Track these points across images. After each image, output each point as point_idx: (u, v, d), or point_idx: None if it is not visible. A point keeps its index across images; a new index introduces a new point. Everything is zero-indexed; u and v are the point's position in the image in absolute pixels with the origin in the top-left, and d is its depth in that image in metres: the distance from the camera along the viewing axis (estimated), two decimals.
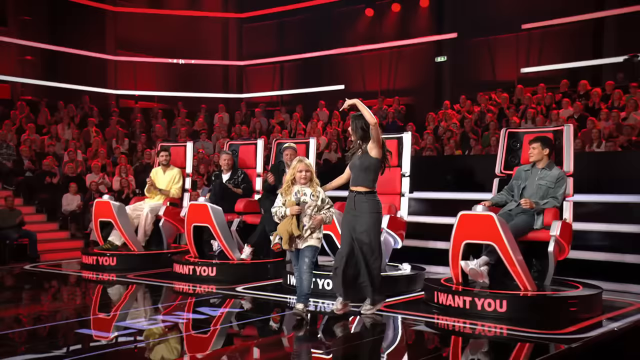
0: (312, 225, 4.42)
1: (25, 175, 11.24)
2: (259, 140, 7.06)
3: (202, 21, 18.25)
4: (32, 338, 4.30)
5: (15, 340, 4.22)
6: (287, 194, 4.48)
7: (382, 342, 4.18)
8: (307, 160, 4.58)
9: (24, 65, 16.15)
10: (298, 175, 4.46)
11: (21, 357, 3.77)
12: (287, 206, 4.43)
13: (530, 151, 4.95)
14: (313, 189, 4.48)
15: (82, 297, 6.07)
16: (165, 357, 3.79)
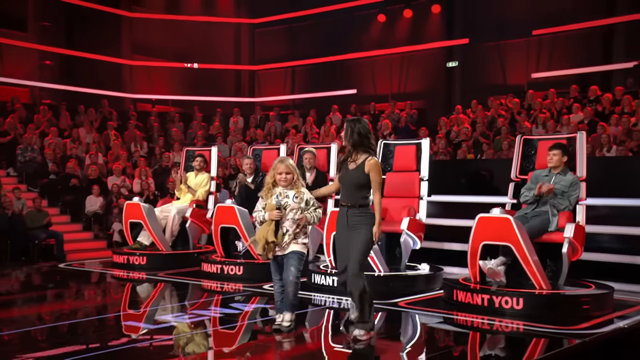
0: (299, 225, 4.09)
1: (50, 177, 11.60)
2: (282, 145, 7.36)
3: (215, 26, 18.57)
4: (69, 332, 4.60)
5: (57, 333, 4.53)
6: (267, 197, 4.12)
7: (401, 337, 4.45)
8: (289, 161, 4.19)
9: (43, 70, 16.51)
10: (278, 178, 4.11)
11: (58, 349, 4.04)
12: (267, 210, 4.08)
13: (551, 157, 5.20)
14: (297, 190, 4.12)
15: (114, 294, 6.39)
16: (193, 352, 4.04)
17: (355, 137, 4.09)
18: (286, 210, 4.08)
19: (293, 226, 4.09)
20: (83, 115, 14.14)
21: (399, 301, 5.26)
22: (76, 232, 10.76)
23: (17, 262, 9.06)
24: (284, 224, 4.09)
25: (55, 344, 4.16)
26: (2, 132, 12.15)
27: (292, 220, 4.09)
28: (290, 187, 4.11)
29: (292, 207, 4.08)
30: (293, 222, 4.09)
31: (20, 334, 4.47)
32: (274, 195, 4.10)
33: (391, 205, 6.22)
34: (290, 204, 4.08)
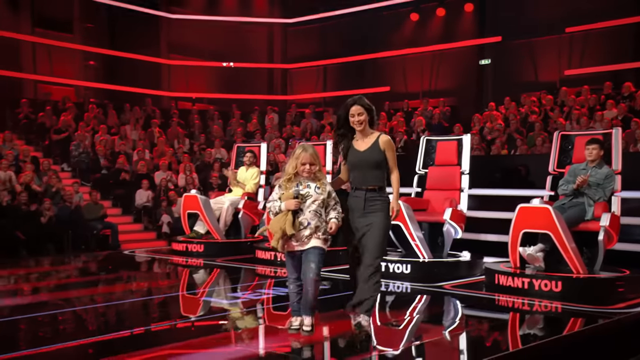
0: (320, 218, 3.74)
1: (101, 172, 12.27)
2: (328, 141, 7.82)
3: (249, 26, 19.09)
4: (132, 311, 5.13)
5: (125, 313, 5.09)
6: (286, 187, 3.76)
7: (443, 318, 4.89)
8: (312, 149, 3.78)
9: (87, 70, 17.26)
10: (301, 169, 3.72)
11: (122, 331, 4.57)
12: (284, 199, 3.72)
13: (590, 152, 5.55)
14: (319, 181, 3.77)
15: (176, 278, 6.95)
16: (246, 327, 4.47)
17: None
18: (306, 201, 3.72)
19: (314, 219, 3.71)
20: (129, 113, 14.82)
21: (444, 284, 5.70)
22: (127, 224, 11.39)
23: (78, 251, 9.72)
24: (304, 215, 3.71)
25: (123, 322, 4.71)
26: (56, 129, 12.87)
27: (314, 212, 3.72)
28: (312, 178, 3.76)
29: (315, 198, 3.73)
30: (315, 214, 3.72)
31: (99, 309, 5.03)
32: (294, 185, 3.75)
33: (434, 197, 6.65)
34: (312, 195, 3.73)
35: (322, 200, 3.74)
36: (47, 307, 5.17)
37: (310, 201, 3.72)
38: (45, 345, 3.87)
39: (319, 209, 3.74)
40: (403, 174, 7.54)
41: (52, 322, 4.64)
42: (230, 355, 3.69)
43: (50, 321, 4.67)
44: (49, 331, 4.37)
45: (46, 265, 7.99)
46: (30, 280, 6.89)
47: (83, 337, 4.17)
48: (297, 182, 3.73)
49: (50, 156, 12.28)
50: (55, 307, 5.11)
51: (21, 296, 5.82)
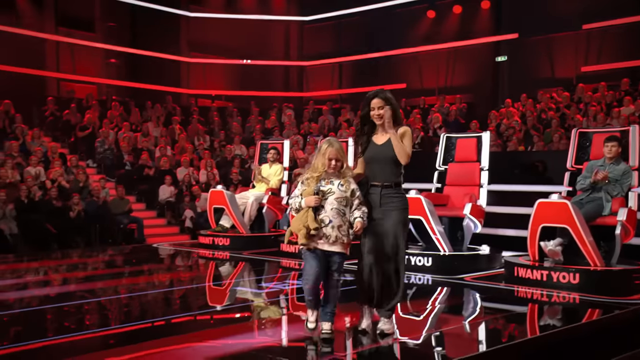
0: (343, 218, 3.61)
1: (125, 168, 12.59)
2: (350, 138, 8.04)
3: (266, 24, 19.33)
4: (162, 301, 5.40)
5: (155, 302, 5.36)
6: (310, 183, 3.64)
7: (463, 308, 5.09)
8: (339, 144, 3.68)
9: (109, 68, 17.62)
10: (326, 164, 3.60)
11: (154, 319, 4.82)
12: (305, 195, 3.61)
13: (609, 149, 5.70)
14: (343, 178, 3.64)
15: (204, 270, 7.23)
16: (270, 317, 4.69)
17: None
18: (328, 198, 3.59)
19: (337, 217, 3.58)
20: (150, 110, 15.13)
21: (464, 276, 5.90)
22: (151, 219, 11.70)
23: (105, 244, 10.05)
24: (326, 213, 3.58)
25: (156, 311, 4.97)
26: (82, 126, 13.21)
27: (336, 210, 3.58)
28: (337, 175, 3.63)
29: (337, 195, 3.60)
30: (337, 212, 3.58)
31: (134, 298, 5.32)
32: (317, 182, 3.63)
33: (454, 193, 6.85)
34: (335, 192, 3.60)
35: (344, 198, 3.59)
36: (86, 296, 5.46)
37: (332, 198, 3.58)
38: (76, 332, 4.14)
39: (342, 207, 3.59)
40: (420, 169, 7.79)
41: (90, 311, 4.93)
42: (252, 345, 3.90)
43: (84, 310, 4.95)
44: (84, 320, 4.65)
45: (77, 257, 8.29)
46: (61, 271, 7.20)
47: (116, 324, 4.45)
48: (321, 179, 3.62)
49: (75, 152, 12.62)
50: (92, 296, 5.41)
51: (52, 287, 6.12)
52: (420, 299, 5.42)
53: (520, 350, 3.65)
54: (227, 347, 3.76)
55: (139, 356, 3.54)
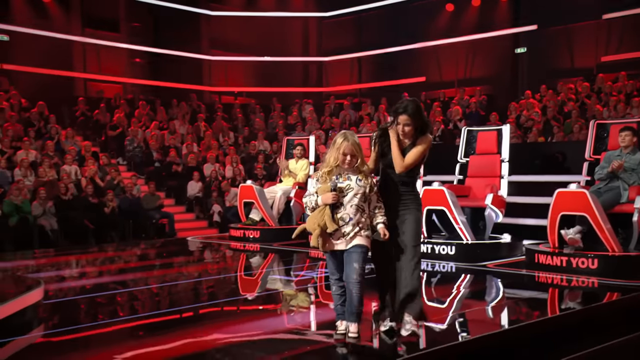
0: (363, 214, 3.46)
1: (155, 165, 13.02)
2: (373, 133, 8.31)
3: (285, 21, 19.61)
4: (200, 289, 5.77)
5: (191, 291, 5.73)
6: (325, 179, 3.46)
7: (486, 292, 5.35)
8: (354, 138, 3.48)
9: (134, 67, 18.07)
10: (341, 159, 3.43)
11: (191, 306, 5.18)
12: (320, 193, 3.42)
13: (623, 138, 5.90)
14: (361, 173, 3.47)
15: (236, 260, 7.59)
16: (299, 305, 4.98)
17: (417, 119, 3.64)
18: (347, 194, 3.41)
19: (357, 214, 3.41)
20: (176, 108, 15.55)
21: (486, 264, 6.17)
22: (180, 213, 12.12)
23: (138, 239, 10.47)
24: (345, 210, 3.40)
25: (194, 298, 5.34)
26: (112, 126, 13.67)
27: (356, 207, 3.41)
28: (354, 170, 3.46)
29: (356, 191, 3.42)
30: (357, 209, 3.41)
31: (166, 288, 5.70)
32: (332, 177, 3.44)
33: (475, 184, 7.11)
34: (354, 188, 3.42)
35: (363, 194, 3.44)
36: (127, 285, 5.85)
37: (351, 194, 3.41)
38: (135, 315, 4.50)
39: (362, 204, 3.44)
40: (440, 161, 8.05)
41: (138, 298, 5.31)
42: (280, 326, 4.23)
43: (138, 297, 5.34)
44: (139, 305, 5.03)
45: (118, 251, 8.71)
46: (105, 263, 7.62)
47: (162, 309, 4.82)
48: (337, 174, 3.44)
49: (106, 151, 13.08)
50: (140, 285, 5.79)
51: (99, 277, 6.52)
52: (444, 285, 5.70)
53: (542, 328, 3.93)
54: (258, 330, 4.08)
55: (187, 336, 3.88)
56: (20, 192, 9.48)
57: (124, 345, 3.71)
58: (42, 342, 3.87)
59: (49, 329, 4.16)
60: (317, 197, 3.44)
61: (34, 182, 10.20)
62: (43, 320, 4.25)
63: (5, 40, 14.63)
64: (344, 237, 3.41)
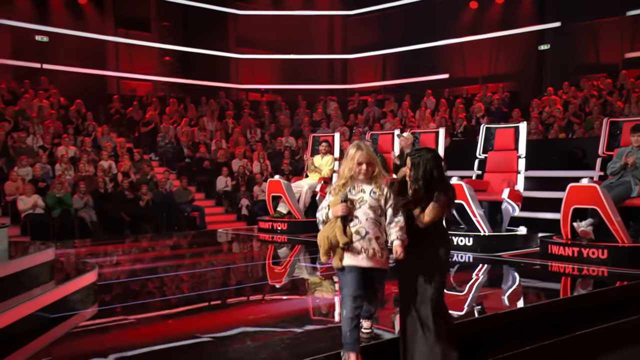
0: (380, 228, 3.20)
1: (185, 161, 13.56)
2: (396, 130, 8.67)
3: (311, 19, 19.99)
4: (228, 275, 6.23)
5: (224, 276, 6.17)
6: (338, 192, 3.22)
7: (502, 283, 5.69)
8: (368, 148, 3.30)
9: (164, 65, 18.65)
10: (357, 170, 3.21)
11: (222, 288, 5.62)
12: (331, 205, 3.20)
13: (636, 139, 6.11)
14: (376, 184, 3.24)
15: (265, 251, 8.04)
16: (323, 296, 5.31)
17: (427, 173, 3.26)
18: (361, 207, 3.18)
19: (373, 228, 3.16)
20: (205, 106, 16.08)
21: (502, 254, 6.50)
22: (210, 207, 12.63)
23: (171, 231, 11.00)
24: (361, 224, 3.17)
25: (225, 283, 5.79)
26: (144, 122, 14.25)
27: (372, 220, 3.17)
28: (369, 181, 3.23)
29: (370, 203, 3.19)
30: (373, 222, 3.17)
31: (196, 274, 6.16)
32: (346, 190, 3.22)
33: (493, 179, 7.43)
34: (367, 200, 3.19)
35: (379, 207, 3.21)
36: (165, 270, 6.33)
37: (365, 207, 3.17)
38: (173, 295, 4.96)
39: (377, 217, 3.20)
40: (463, 158, 8.33)
41: (178, 283, 5.79)
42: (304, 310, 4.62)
43: (179, 281, 5.82)
44: (179, 288, 5.51)
45: (152, 241, 9.24)
46: (140, 252, 8.15)
47: (204, 290, 5.28)
48: (350, 187, 3.22)
49: (139, 147, 13.66)
50: (171, 271, 6.28)
51: (136, 264, 7.02)
52: (463, 273, 6.05)
53: (554, 309, 4.28)
54: (282, 313, 4.53)
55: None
56: (62, 186, 10.07)
57: (163, 320, 4.24)
58: (98, 315, 4.37)
59: (103, 304, 4.66)
60: (328, 209, 3.23)
61: (73, 177, 10.80)
62: (98, 298, 4.75)
63: (45, 41, 15.34)
64: (364, 252, 3.16)
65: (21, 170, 10.41)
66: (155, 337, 3.69)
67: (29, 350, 3.44)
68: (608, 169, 6.34)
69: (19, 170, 10.36)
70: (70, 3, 16.27)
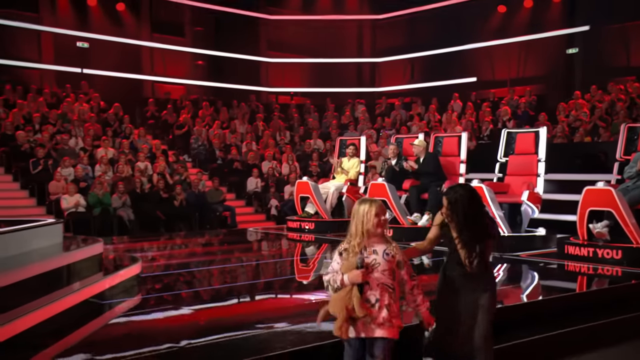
0: (392, 295, 2.95)
1: (217, 162, 14.06)
2: (420, 134, 8.97)
3: (340, 23, 20.30)
4: (258, 270, 6.61)
5: (255, 271, 6.57)
6: (351, 255, 2.93)
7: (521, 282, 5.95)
8: (379, 201, 3.06)
9: (196, 69, 19.22)
10: (374, 223, 2.94)
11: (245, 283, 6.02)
12: (344, 271, 2.91)
13: None
14: (387, 243, 2.98)
15: (292, 249, 8.44)
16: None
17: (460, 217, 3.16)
18: (372, 271, 2.91)
19: (384, 295, 2.91)
20: (236, 109, 16.59)
21: (520, 253, 6.76)
22: (241, 207, 13.08)
23: (204, 229, 11.48)
24: (372, 291, 2.91)
25: (255, 276, 6.17)
26: (178, 125, 14.81)
27: (383, 286, 2.92)
28: (382, 238, 2.98)
29: (383, 266, 2.93)
30: (384, 289, 2.92)
31: (226, 268, 6.57)
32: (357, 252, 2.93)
33: (513, 182, 7.68)
34: (380, 262, 2.93)
35: (392, 270, 2.95)
36: (201, 264, 6.77)
37: (378, 271, 2.92)
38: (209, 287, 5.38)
39: (390, 282, 2.94)
40: (489, 161, 8.55)
41: (213, 276, 6.22)
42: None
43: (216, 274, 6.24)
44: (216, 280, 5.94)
45: (188, 239, 9.72)
46: (177, 248, 8.62)
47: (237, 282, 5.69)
48: (361, 248, 2.92)
49: (173, 149, 14.22)
50: (205, 265, 6.71)
51: (174, 259, 7.48)
52: None
53: (571, 302, 4.55)
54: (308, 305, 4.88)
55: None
56: (102, 186, 10.64)
57: (199, 307, 4.70)
58: (142, 303, 4.83)
59: (148, 293, 5.12)
60: (341, 275, 2.91)
61: (112, 177, 11.38)
62: (143, 287, 5.22)
63: (85, 47, 16.06)
64: (371, 319, 2.90)
65: (64, 171, 11.02)
66: (194, 321, 4.11)
67: (83, 333, 3.88)
68: (625, 172, 6.54)
69: (62, 170, 10.97)
70: (109, 10, 16.96)
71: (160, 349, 3.36)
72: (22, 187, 11.29)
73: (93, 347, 3.51)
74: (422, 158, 8.37)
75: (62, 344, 3.52)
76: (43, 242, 4.47)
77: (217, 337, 3.64)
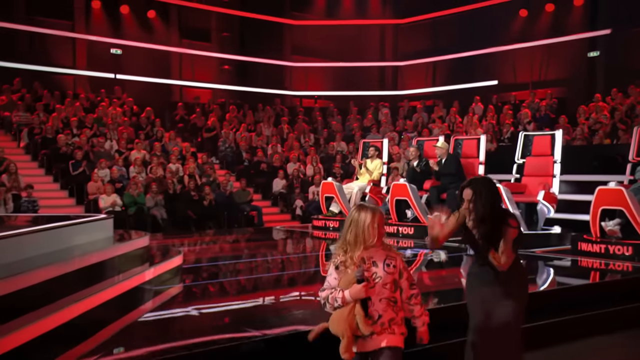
0: (395, 307, 2.80)
1: (244, 164, 14.56)
2: (440, 137, 9.34)
3: (363, 27, 20.66)
4: (290, 264, 7.06)
5: (275, 269, 7.01)
6: (348, 267, 2.77)
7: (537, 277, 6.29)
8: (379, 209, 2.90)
9: (222, 74, 19.78)
10: (372, 232, 2.77)
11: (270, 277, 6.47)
12: (343, 286, 2.74)
13: None
14: (387, 250, 2.82)
15: (317, 247, 8.87)
16: None
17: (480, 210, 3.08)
18: (373, 285, 2.75)
19: (387, 310, 2.76)
20: (262, 112, 17.10)
21: (535, 250, 7.09)
22: (267, 207, 13.56)
23: (231, 228, 11.98)
24: (374, 306, 2.75)
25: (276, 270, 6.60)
26: (207, 128, 15.37)
27: (386, 300, 2.76)
28: (378, 249, 2.80)
29: (385, 280, 2.76)
30: (387, 303, 2.76)
31: (257, 262, 7.03)
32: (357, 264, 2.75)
33: (530, 182, 8.01)
34: (381, 275, 2.76)
35: (394, 282, 2.78)
36: (233, 258, 7.23)
37: (379, 285, 2.75)
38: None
39: (393, 295, 2.78)
40: (508, 163, 8.86)
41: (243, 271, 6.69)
42: None
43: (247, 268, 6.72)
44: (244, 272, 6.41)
45: (217, 236, 10.22)
46: (211, 244, 9.12)
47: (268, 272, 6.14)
48: (360, 260, 2.75)
49: (202, 151, 14.76)
50: (235, 259, 7.18)
51: (208, 253, 7.96)
52: None
53: (582, 293, 4.89)
54: None
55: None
56: (136, 186, 11.20)
57: (232, 295, 5.21)
58: (184, 290, 5.30)
59: (189, 282, 5.62)
60: (339, 292, 2.74)
61: (145, 178, 11.94)
62: (185, 276, 5.71)
63: (119, 53, 16.75)
64: (376, 336, 2.76)
65: (101, 172, 11.62)
66: (234, 301, 4.55)
67: (134, 316, 4.35)
68: (636, 173, 6.83)
69: (99, 172, 11.57)
70: (140, 17, 17.62)
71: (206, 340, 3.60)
72: (62, 187, 11.94)
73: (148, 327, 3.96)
74: (444, 159, 8.73)
75: (117, 324, 3.97)
76: (98, 235, 4.97)
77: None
